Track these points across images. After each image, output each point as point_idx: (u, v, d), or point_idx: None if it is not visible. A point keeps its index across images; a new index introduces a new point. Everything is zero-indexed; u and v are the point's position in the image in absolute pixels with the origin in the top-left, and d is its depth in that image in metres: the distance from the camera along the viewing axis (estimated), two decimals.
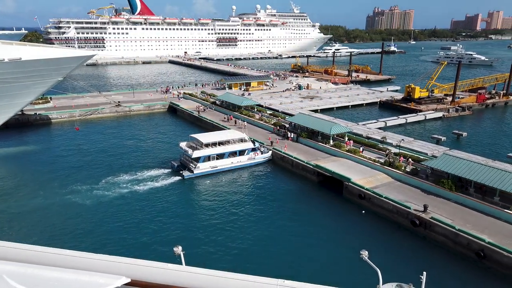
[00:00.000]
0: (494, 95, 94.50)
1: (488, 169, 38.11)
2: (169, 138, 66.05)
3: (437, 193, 39.23)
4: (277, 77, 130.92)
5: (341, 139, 56.21)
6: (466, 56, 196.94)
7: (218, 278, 4.26)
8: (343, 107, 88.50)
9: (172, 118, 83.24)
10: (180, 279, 4.15)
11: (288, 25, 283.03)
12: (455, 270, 30.14)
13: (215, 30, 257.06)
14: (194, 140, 51.75)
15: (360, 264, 10.52)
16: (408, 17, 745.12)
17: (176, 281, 4.10)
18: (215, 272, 4.27)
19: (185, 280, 4.14)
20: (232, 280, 4.33)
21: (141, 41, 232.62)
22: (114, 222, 36.74)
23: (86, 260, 4.23)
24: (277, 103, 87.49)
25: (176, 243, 9.22)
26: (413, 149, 52.54)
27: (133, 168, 50.34)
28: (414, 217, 35.24)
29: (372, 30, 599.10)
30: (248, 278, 4.47)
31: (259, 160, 52.60)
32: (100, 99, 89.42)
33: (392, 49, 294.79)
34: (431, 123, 75.93)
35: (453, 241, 32.28)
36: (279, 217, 38.02)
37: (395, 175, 43.83)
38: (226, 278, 4.32)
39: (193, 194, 44.24)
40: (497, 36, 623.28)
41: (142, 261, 4.25)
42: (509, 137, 67.00)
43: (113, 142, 63.29)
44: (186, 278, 4.18)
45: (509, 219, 33.57)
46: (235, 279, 4.34)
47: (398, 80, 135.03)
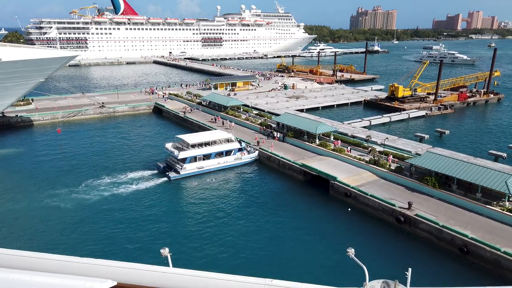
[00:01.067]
0: (475, 94, 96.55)
1: (470, 166, 38.92)
2: (155, 139, 65.49)
3: (421, 190, 39.90)
4: (262, 77, 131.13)
5: (327, 138, 56.63)
6: (448, 55, 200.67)
7: (206, 279, 4.25)
8: (329, 107, 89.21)
9: (157, 119, 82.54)
10: (167, 281, 4.13)
11: (273, 25, 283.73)
12: (440, 266, 30.70)
13: (200, 30, 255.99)
14: (180, 141, 51.41)
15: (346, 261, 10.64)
16: (391, 17, 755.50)
17: (163, 283, 4.08)
18: (203, 273, 4.26)
19: (172, 282, 4.13)
20: (220, 280, 4.33)
21: (124, 42, 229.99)
22: (98, 225, 36.22)
23: (71, 264, 4.17)
24: (263, 103, 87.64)
25: (163, 245, 9.15)
26: (397, 147, 53.29)
27: (117, 170, 49.73)
28: (399, 214, 35.75)
29: (356, 30, 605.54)
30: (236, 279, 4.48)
31: (245, 160, 52.59)
32: (83, 101, 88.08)
33: (375, 49, 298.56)
34: (415, 122, 77.14)
35: (437, 237, 32.87)
36: (266, 217, 38.09)
37: (380, 173, 44.39)
38: (214, 279, 4.32)
39: (179, 195, 43.96)
40: (477, 36, 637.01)
41: (128, 264, 4.21)
42: (490, 134, 68.58)
43: (97, 144, 62.42)
44: (173, 280, 4.16)
45: (491, 215, 34.36)
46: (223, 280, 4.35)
47: (382, 80, 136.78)
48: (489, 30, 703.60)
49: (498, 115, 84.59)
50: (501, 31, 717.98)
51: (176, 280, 4.14)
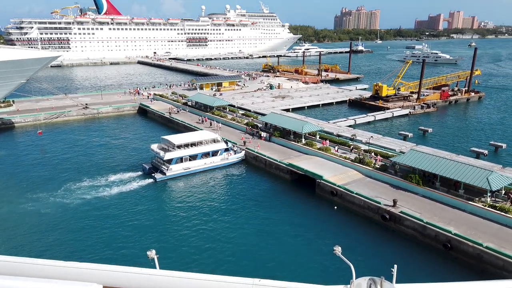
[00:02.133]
0: (457, 92, 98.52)
1: (453, 163, 39.68)
2: (140, 140, 64.82)
3: (405, 188, 40.49)
4: (248, 77, 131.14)
5: (313, 137, 56.96)
6: (432, 55, 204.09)
7: (193, 280, 4.24)
8: (314, 106, 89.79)
9: (142, 120, 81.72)
10: (154, 283, 4.09)
11: (258, 25, 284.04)
12: (424, 262, 31.22)
13: (185, 30, 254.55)
14: (165, 142, 51.02)
15: (333, 259, 10.75)
16: (374, 17, 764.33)
17: (150, 285, 4.05)
18: (190, 274, 4.25)
19: (159, 283, 4.10)
20: (207, 281, 4.32)
21: (108, 42, 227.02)
22: (83, 228, 35.65)
23: (55, 268, 4.10)
24: (249, 103, 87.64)
25: (149, 247, 9.07)
26: (381, 145, 53.96)
27: (101, 172, 49.05)
28: (384, 211, 36.21)
29: (340, 30, 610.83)
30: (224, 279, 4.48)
31: (232, 160, 52.51)
32: (66, 102, 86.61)
33: (360, 49, 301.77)
34: (398, 120, 78.26)
35: (422, 234, 33.42)
36: (253, 216, 38.11)
37: (365, 171, 44.88)
38: (201, 279, 4.31)
39: (166, 197, 43.62)
40: (458, 35, 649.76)
41: (114, 267, 4.16)
42: (471, 132, 70.04)
43: (80, 146, 61.44)
44: (160, 281, 4.13)
45: (473, 211, 35.10)
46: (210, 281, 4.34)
47: (366, 79, 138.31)
48: (469, 30, 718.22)
49: (479, 113, 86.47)
50: (481, 31, 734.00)
51: (163, 281, 4.12)
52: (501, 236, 31.08)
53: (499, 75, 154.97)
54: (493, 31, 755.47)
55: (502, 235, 31.16)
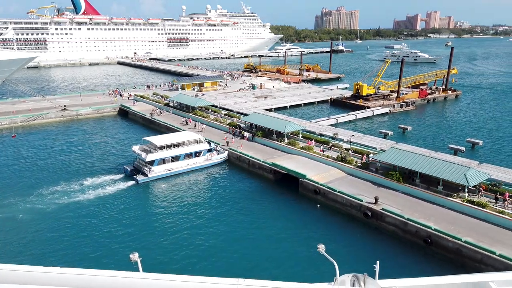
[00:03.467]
0: (435, 91, 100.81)
1: (432, 160, 40.58)
2: (121, 142, 63.87)
3: (386, 185, 41.19)
4: (230, 77, 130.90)
5: (295, 136, 57.29)
6: (411, 54, 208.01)
7: (177, 282, 4.21)
8: (296, 106, 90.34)
9: (123, 121, 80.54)
10: (137, 286, 4.05)
11: (239, 25, 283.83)
12: (406, 257, 31.82)
13: (165, 30, 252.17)
14: (147, 143, 50.45)
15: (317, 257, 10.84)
16: (354, 17, 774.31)
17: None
18: (174, 276, 4.22)
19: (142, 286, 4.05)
20: (192, 283, 4.30)
21: (86, 42, 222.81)
22: (61, 234, 34.77)
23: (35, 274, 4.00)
24: (232, 103, 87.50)
25: (132, 250, 8.95)
26: (363, 144, 54.71)
27: (82, 175, 48.09)
28: (366, 209, 36.74)
29: (321, 30, 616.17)
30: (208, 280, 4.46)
31: (215, 160, 52.33)
32: (44, 104, 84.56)
33: (340, 48, 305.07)
34: (379, 119, 79.50)
35: (403, 230, 34.05)
36: (237, 216, 38.07)
37: (347, 169, 45.42)
38: (185, 281, 4.28)
39: (148, 199, 43.12)
40: (435, 35, 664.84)
41: (96, 271, 4.10)
42: (449, 129, 71.76)
43: (59, 148, 60.07)
44: (143, 284, 4.09)
45: (452, 207, 35.99)
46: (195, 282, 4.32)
47: (347, 78, 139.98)
48: (446, 30, 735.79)
49: (456, 110, 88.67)
50: (457, 30, 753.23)
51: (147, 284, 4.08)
52: (479, 230, 31.96)
53: (475, 74, 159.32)
54: (468, 31, 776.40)
55: (480, 230, 32.06)
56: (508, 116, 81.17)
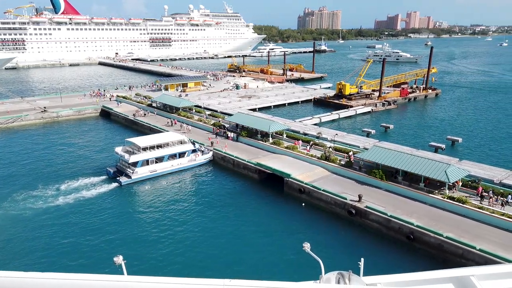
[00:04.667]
0: (415, 90, 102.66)
1: (413, 158, 41.31)
2: (103, 143, 62.88)
3: (369, 183, 41.72)
4: (214, 77, 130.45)
5: (279, 136, 57.48)
6: (393, 54, 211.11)
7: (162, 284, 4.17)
8: (280, 105, 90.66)
9: (105, 122, 79.32)
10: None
11: (222, 25, 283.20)
12: (389, 253, 32.32)
13: (148, 30, 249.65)
14: (130, 144, 49.83)
15: (303, 256, 10.91)
16: (336, 17, 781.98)
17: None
18: (159, 278, 4.17)
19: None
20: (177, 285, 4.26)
21: (66, 42, 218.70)
22: (43, 238, 34.00)
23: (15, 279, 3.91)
24: (216, 103, 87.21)
25: (116, 253, 8.82)
26: (346, 142, 55.28)
27: (63, 178, 47.11)
28: (350, 207, 37.15)
29: (304, 30, 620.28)
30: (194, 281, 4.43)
31: (200, 161, 52.06)
32: (23, 105, 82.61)
33: (323, 48, 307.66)
34: (361, 118, 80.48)
35: (386, 227, 34.57)
36: (222, 217, 37.96)
37: (331, 168, 45.83)
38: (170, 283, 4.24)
39: (132, 201, 42.58)
40: (415, 35, 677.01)
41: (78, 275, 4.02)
42: (429, 127, 73.17)
43: (38, 151, 58.75)
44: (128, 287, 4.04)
45: (434, 203, 36.72)
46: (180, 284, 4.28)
47: (329, 78, 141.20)
48: (425, 30, 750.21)
49: (436, 109, 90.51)
50: (436, 30, 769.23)
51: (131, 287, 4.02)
52: (460, 226, 32.70)
53: (454, 73, 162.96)
54: (447, 30, 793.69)
55: (461, 225, 32.80)
56: (486, 114, 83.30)
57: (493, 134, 66.96)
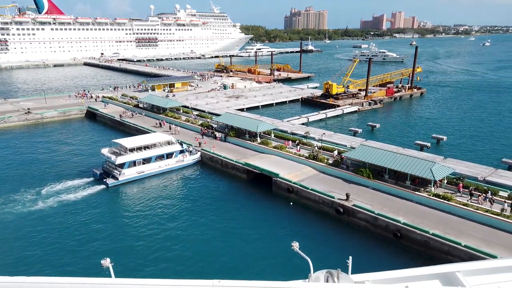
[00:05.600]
0: (401, 89, 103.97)
1: (400, 156, 41.84)
2: (89, 145, 62.07)
3: (357, 182, 42.12)
4: (201, 77, 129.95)
5: (267, 136, 57.57)
6: (380, 54, 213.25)
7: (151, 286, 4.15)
8: (268, 105, 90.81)
9: (91, 123, 78.30)
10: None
11: (209, 25, 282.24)
12: (377, 251, 32.66)
13: (133, 30, 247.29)
14: (117, 146, 49.30)
15: (292, 255, 10.97)
16: (322, 17, 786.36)
17: None
18: (147, 280, 4.15)
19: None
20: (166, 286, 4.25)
21: (50, 43, 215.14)
22: (28, 242, 33.38)
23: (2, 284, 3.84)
24: (203, 104, 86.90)
25: (103, 256, 8.73)
26: (333, 142, 55.68)
27: (48, 180, 46.35)
28: (338, 205, 37.44)
29: (291, 30, 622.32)
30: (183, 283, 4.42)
31: (188, 162, 51.80)
32: (6, 107, 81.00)
33: (310, 48, 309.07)
34: (348, 117, 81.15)
35: (373, 225, 34.94)
36: (210, 217, 37.85)
37: (319, 167, 46.11)
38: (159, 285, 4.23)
39: (119, 203, 42.13)
40: (400, 35, 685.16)
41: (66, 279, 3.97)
42: (415, 126, 74.17)
43: (22, 153, 57.69)
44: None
45: (420, 201, 37.26)
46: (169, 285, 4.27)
47: (317, 78, 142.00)
48: (410, 30, 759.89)
49: (422, 108, 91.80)
50: (421, 30, 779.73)
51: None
52: (446, 223, 33.25)
53: (438, 72, 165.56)
54: (431, 30, 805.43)
55: (446, 222, 33.35)
56: (469, 113, 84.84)
57: (477, 133, 68.26)
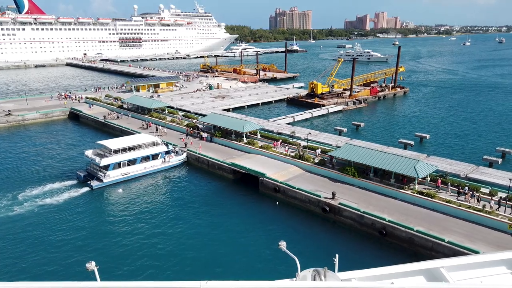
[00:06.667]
0: (384, 88, 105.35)
1: (384, 154, 42.40)
2: (73, 147, 61.04)
3: (342, 180, 42.51)
4: (186, 78, 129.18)
5: (254, 136, 57.60)
6: (364, 53, 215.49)
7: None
8: (254, 105, 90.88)
9: (74, 125, 77.01)
10: None
11: (193, 25, 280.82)
12: (363, 249, 33.03)
13: (117, 30, 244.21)
14: (101, 147, 48.62)
15: (279, 254, 11.01)
16: (307, 18, 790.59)
17: None
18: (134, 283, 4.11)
19: None
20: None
21: (31, 43, 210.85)
22: (10, 247, 32.68)
23: None
24: (189, 104, 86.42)
25: (88, 259, 8.60)
26: (319, 141, 56.06)
27: (31, 183, 45.43)
28: (324, 204, 37.72)
29: (276, 30, 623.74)
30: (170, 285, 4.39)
31: (174, 163, 51.44)
32: None
33: (295, 48, 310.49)
34: (334, 116, 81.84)
35: (359, 223, 35.33)
36: (198, 219, 37.68)
37: (305, 166, 46.37)
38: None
39: (104, 205, 41.55)
40: (383, 35, 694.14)
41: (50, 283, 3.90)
42: (399, 124, 75.26)
43: (3, 156, 56.36)
44: None
45: (404, 198, 37.83)
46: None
47: (302, 77, 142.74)
48: (393, 30, 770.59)
49: (405, 106, 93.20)
50: (403, 30, 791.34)
51: None
52: (429, 220, 33.84)
53: (420, 71, 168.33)
54: (414, 30, 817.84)
55: (430, 219, 33.95)
56: (451, 111, 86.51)
57: (459, 131, 69.66)
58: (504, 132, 68.27)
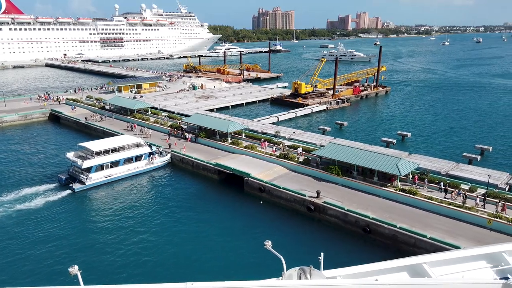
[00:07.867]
0: (367, 87, 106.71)
1: (367, 153, 42.94)
2: (53, 149, 59.79)
3: (327, 179, 42.86)
4: (169, 78, 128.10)
5: (238, 136, 57.53)
6: (347, 53, 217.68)
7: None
8: (238, 105, 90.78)
9: (55, 127, 75.44)
10: None
11: (176, 25, 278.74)
12: (348, 246, 33.39)
13: (98, 30, 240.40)
14: (83, 149, 47.80)
15: (265, 254, 11.02)
16: (289, 18, 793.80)
17: None
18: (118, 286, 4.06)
19: None
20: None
21: (9, 43, 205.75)
22: None
23: None
24: (172, 105, 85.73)
25: (71, 263, 8.44)
26: (303, 140, 56.38)
27: (10, 187, 44.29)
28: (309, 203, 37.97)
29: (259, 30, 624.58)
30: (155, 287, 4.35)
31: (157, 164, 50.94)
32: None
33: (278, 48, 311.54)
34: (317, 116, 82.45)
35: (344, 221, 35.70)
36: (182, 220, 37.42)
37: (290, 166, 46.57)
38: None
39: (86, 208, 40.84)
40: (365, 35, 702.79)
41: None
42: (381, 123, 76.34)
43: None
44: None
45: (387, 196, 38.40)
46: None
47: (285, 77, 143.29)
48: (374, 30, 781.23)
49: (387, 105, 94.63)
50: (384, 30, 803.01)
51: None
52: (412, 216, 34.44)
53: (401, 71, 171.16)
54: (394, 30, 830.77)
55: (413, 216, 34.55)
56: (431, 110, 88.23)
57: (439, 129, 71.08)
58: (483, 130, 70.03)
